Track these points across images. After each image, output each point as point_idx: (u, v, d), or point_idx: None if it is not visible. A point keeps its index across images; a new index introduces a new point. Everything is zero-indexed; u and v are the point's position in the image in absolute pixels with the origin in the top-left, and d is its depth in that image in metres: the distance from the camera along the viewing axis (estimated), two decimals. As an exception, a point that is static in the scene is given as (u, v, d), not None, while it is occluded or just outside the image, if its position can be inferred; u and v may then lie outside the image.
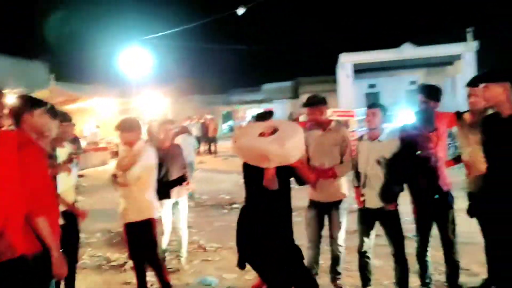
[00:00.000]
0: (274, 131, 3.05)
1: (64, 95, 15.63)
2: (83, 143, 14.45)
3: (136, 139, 3.78)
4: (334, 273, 4.10)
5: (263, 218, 3.05)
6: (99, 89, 20.57)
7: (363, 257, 3.91)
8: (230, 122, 35.28)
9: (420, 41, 22.84)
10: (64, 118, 3.75)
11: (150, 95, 19.68)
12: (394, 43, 22.97)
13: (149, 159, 3.74)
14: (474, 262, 4.59)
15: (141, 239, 3.69)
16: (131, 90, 20.03)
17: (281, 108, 30.90)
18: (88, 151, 15.65)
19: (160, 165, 4.75)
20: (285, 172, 3.05)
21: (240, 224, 3.17)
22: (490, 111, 3.17)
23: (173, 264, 5.06)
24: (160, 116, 11.87)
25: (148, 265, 3.78)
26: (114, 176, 3.76)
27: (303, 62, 43.16)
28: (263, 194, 3.00)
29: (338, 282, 4.11)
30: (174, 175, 4.74)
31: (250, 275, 4.64)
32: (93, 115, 19.06)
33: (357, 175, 3.90)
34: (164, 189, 4.76)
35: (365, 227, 3.86)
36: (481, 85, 2.93)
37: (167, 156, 4.73)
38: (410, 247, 3.93)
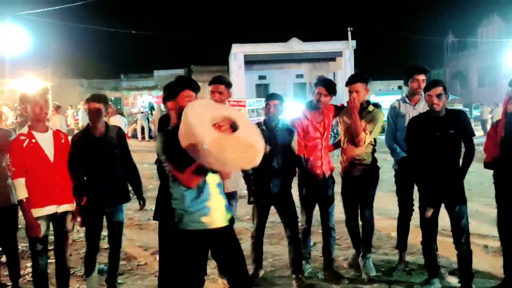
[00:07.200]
0: (233, 125, 2.56)
1: None
2: None
3: None
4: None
5: None
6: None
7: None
8: (118, 109, 33.77)
9: (306, 37, 24.37)
10: None
11: (28, 77, 17.98)
12: (283, 38, 24.26)
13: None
14: (344, 238, 5.18)
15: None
16: (4, 71, 18.09)
17: (173, 96, 30.31)
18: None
19: None
20: None
21: None
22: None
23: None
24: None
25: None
26: None
27: (196, 50, 43.07)
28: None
29: None
30: None
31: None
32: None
33: None
34: None
35: (261, 212, 4.01)
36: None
37: None
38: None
